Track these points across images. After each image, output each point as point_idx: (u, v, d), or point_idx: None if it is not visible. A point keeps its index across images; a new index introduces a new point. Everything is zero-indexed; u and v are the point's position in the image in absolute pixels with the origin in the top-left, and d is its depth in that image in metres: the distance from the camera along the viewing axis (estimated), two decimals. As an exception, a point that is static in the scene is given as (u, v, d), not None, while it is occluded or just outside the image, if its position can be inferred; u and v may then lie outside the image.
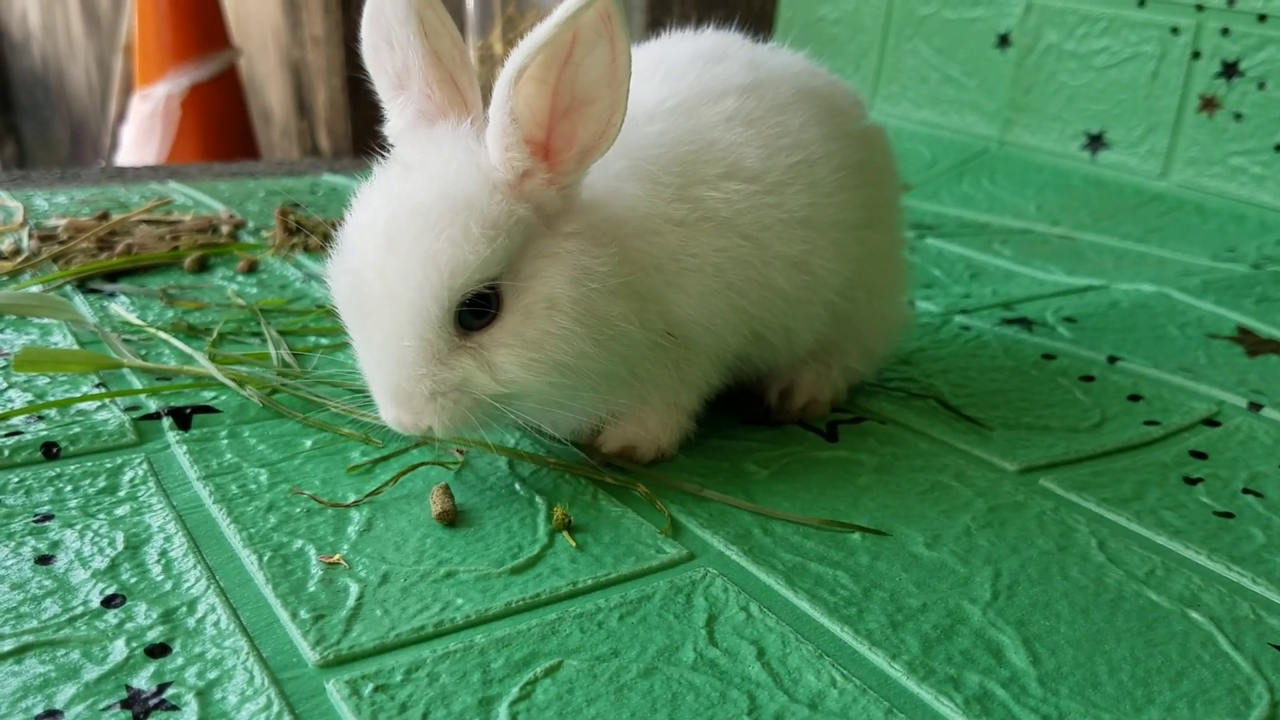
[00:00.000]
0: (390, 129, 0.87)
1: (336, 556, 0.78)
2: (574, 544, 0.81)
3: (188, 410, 0.99)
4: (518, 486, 0.89)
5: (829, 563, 0.79)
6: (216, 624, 0.70)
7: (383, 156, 0.86)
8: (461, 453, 0.94)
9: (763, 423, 1.05)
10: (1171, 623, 0.74)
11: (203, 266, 1.44)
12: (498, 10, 2.38)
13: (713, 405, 1.00)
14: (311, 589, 0.74)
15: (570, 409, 0.85)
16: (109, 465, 0.89)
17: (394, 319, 0.78)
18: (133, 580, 0.74)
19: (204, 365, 1.06)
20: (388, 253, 0.78)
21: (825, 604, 0.74)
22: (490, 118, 0.79)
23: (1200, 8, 1.96)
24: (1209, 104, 1.98)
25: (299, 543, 0.79)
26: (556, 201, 0.82)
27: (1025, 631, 0.72)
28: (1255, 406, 1.11)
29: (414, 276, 0.77)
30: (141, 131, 3.40)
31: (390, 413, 0.82)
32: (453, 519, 0.83)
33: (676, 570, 0.78)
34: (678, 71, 0.96)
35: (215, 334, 1.16)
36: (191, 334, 1.18)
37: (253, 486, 0.87)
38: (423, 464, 0.91)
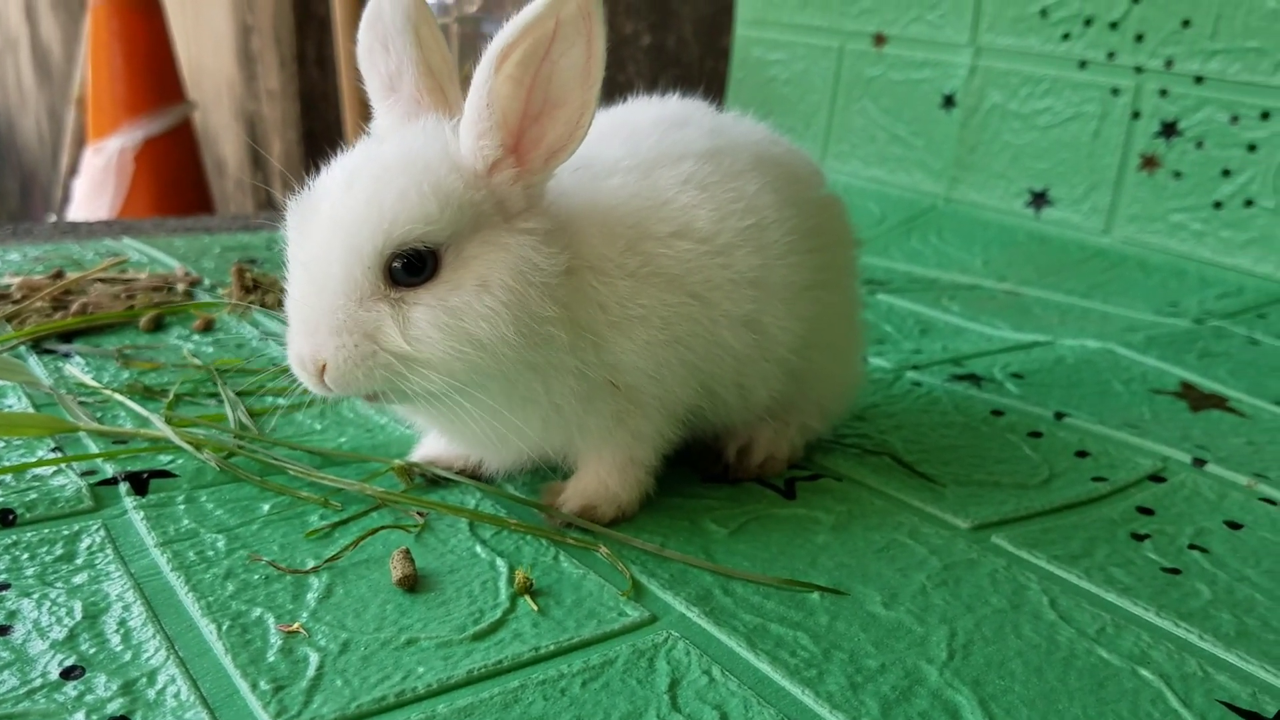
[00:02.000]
0: (377, 126, 0.91)
1: (296, 625, 0.77)
2: (536, 608, 0.81)
3: (144, 475, 0.99)
4: (479, 549, 0.90)
5: (789, 623, 0.80)
6: (177, 695, 0.69)
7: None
8: (422, 515, 0.94)
9: (721, 480, 1.06)
10: (1122, 680, 0.76)
11: (158, 325, 1.43)
12: (456, 69, 2.40)
13: (672, 463, 1.01)
14: (271, 659, 0.73)
15: (473, 413, 0.85)
16: (66, 532, 0.89)
17: (329, 248, 0.81)
18: (92, 651, 0.73)
19: (160, 428, 1.05)
20: (344, 190, 0.82)
21: (786, 666, 0.75)
22: (465, 108, 0.83)
23: (1139, 70, 2.03)
24: (1149, 162, 2.04)
25: (258, 611, 0.79)
26: (520, 200, 0.86)
27: (981, 691, 0.73)
28: (1199, 462, 1.14)
29: (359, 212, 0.80)
30: (94, 185, 3.38)
31: (295, 341, 0.84)
32: (413, 584, 0.83)
33: (639, 633, 0.79)
34: (640, 134, 0.98)
35: (171, 395, 1.16)
36: (148, 395, 1.17)
37: (210, 553, 0.87)
38: (382, 528, 0.91)
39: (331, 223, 0.82)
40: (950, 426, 1.23)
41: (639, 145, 0.97)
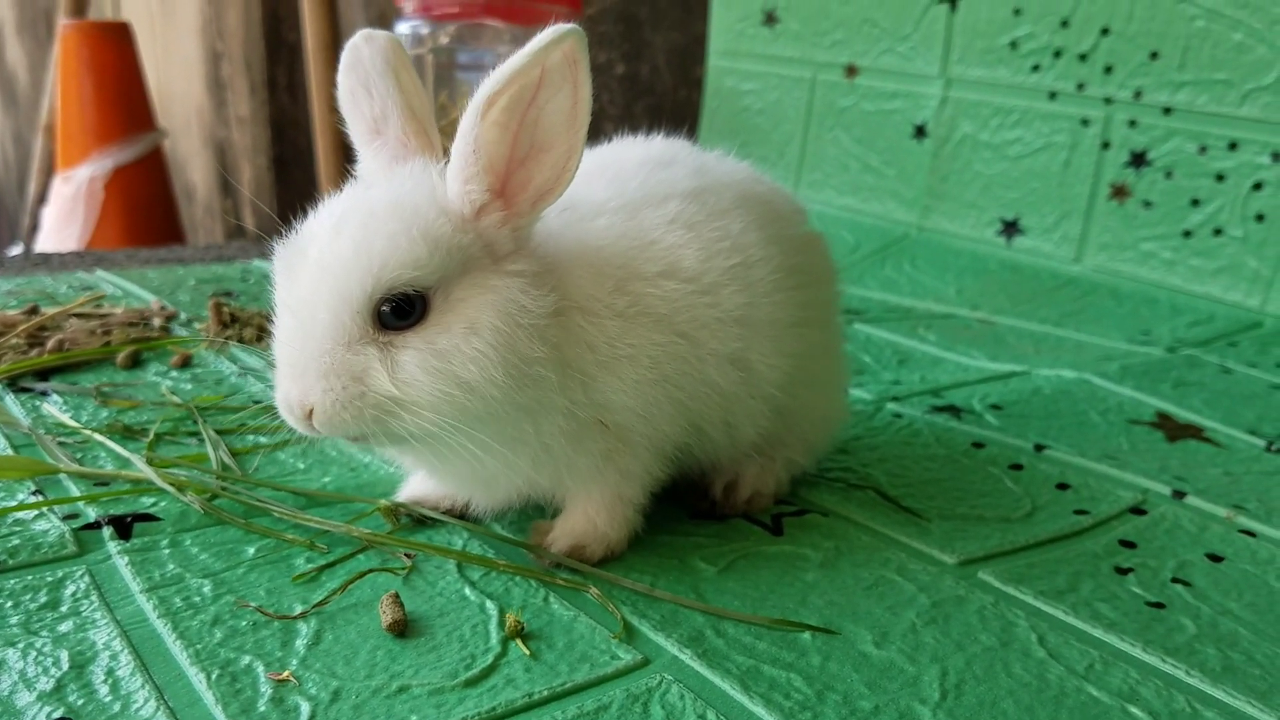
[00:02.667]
0: (362, 170, 0.92)
1: (286, 673, 0.77)
2: (528, 652, 0.81)
3: (128, 519, 0.98)
4: (468, 591, 0.89)
5: (782, 665, 0.80)
6: (166, 748, 0.68)
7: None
8: (409, 556, 0.94)
9: (709, 516, 1.06)
10: (1112, 718, 0.76)
11: (136, 362, 1.42)
12: (430, 98, 2.40)
13: (659, 500, 1.01)
14: (262, 709, 0.72)
15: (463, 454, 0.85)
16: (50, 579, 0.87)
17: (318, 291, 0.81)
18: (80, 702, 0.72)
19: (142, 469, 1.04)
20: (332, 235, 0.82)
21: (781, 709, 0.75)
22: (452, 153, 0.83)
23: (1109, 101, 2.06)
24: (1119, 192, 2.07)
25: (247, 658, 0.78)
26: (508, 243, 0.86)
27: (975, 732, 0.74)
28: (1178, 494, 1.16)
29: (347, 257, 0.80)
30: (63, 214, 3.35)
31: (282, 385, 0.83)
32: (403, 629, 0.83)
33: (632, 677, 0.79)
34: (625, 174, 0.99)
35: (152, 435, 1.15)
36: (128, 435, 1.16)
37: (196, 599, 0.86)
38: (370, 571, 0.91)
39: (319, 267, 0.82)
40: (932, 459, 1.24)
41: (625, 186, 0.97)
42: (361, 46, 0.89)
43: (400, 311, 0.82)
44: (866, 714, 0.75)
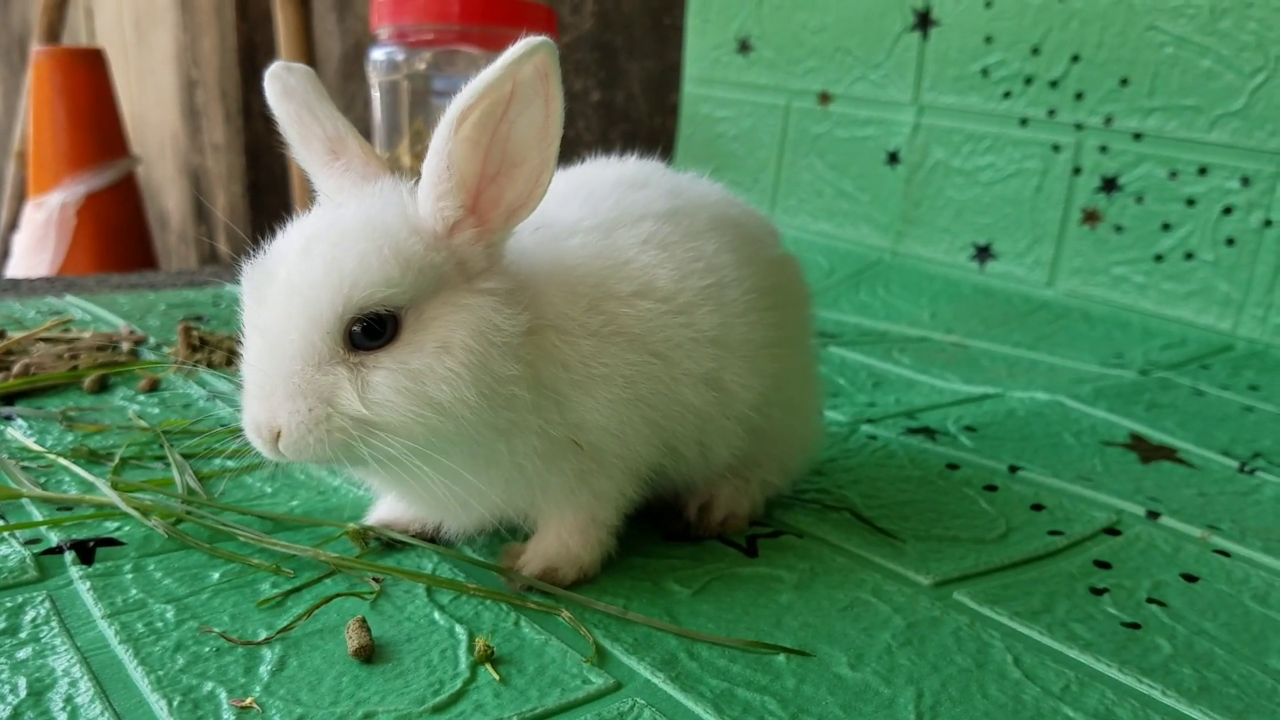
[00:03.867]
0: (324, 191, 0.90)
1: (249, 700, 0.75)
2: (497, 677, 0.79)
3: (90, 543, 0.96)
4: (437, 615, 0.88)
5: (756, 688, 0.79)
6: (124, 777, 0.66)
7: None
8: (378, 581, 0.92)
9: (683, 538, 1.05)
10: (1089, 738, 0.76)
11: (103, 386, 1.40)
12: (405, 123, 2.40)
13: (632, 521, 1.00)
14: (225, 735, 0.71)
15: (433, 476, 0.83)
16: (9, 604, 0.85)
17: (287, 312, 0.80)
18: (34, 732, 0.70)
19: (106, 494, 1.02)
20: (301, 255, 0.81)
21: (754, 732, 0.74)
22: (423, 170, 0.82)
23: (1079, 127, 2.08)
24: (1091, 217, 2.08)
25: (209, 685, 0.76)
26: (480, 260, 0.85)
27: (950, 753, 0.73)
28: (1153, 515, 1.16)
29: (317, 277, 0.79)
30: (35, 240, 3.32)
31: (250, 407, 0.82)
32: (370, 654, 0.81)
33: (604, 701, 0.77)
34: (599, 195, 0.98)
35: (117, 459, 1.13)
36: (93, 459, 1.14)
37: (159, 624, 0.84)
38: (337, 595, 0.89)
39: (289, 288, 0.81)
40: (907, 481, 1.23)
41: (599, 206, 0.97)
42: (284, 75, 0.89)
43: (371, 331, 0.81)
44: (841, 736, 0.74)
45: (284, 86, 0.89)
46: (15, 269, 3.46)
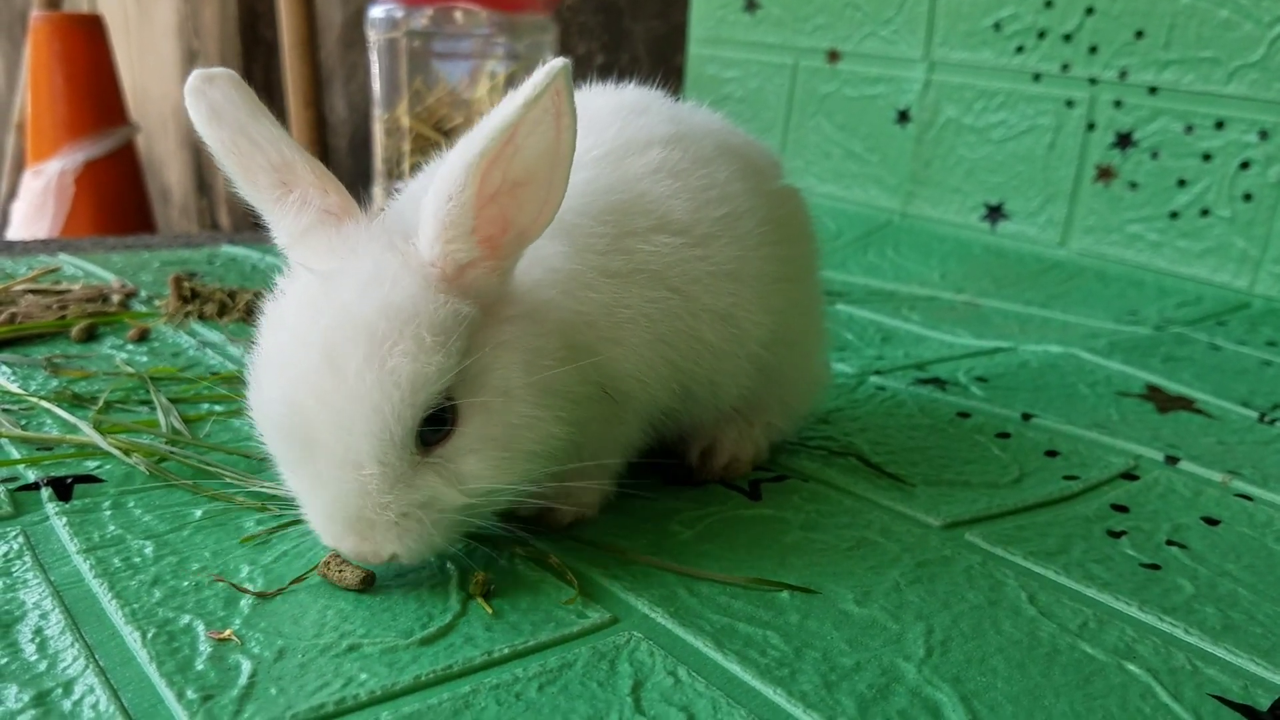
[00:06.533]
0: (283, 235, 0.78)
1: (227, 632, 0.71)
2: (490, 610, 0.76)
3: (69, 480, 0.92)
4: (427, 554, 0.84)
5: (758, 623, 0.76)
6: (95, 706, 0.63)
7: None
8: (367, 520, 0.88)
9: (685, 482, 1.01)
10: (1109, 675, 0.72)
11: (91, 336, 1.36)
12: (405, 84, 2.35)
13: (633, 465, 0.96)
14: (200, 667, 0.67)
15: (530, 490, 0.79)
16: (-23, 539, 0.82)
17: (347, 447, 0.70)
18: (2, 661, 0.67)
19: (88, 433, 0.99)
20: (331, 375, 0.69)
21: (756, 665, 0.70)
22: (426, 208, 0.73)
23: (1094, 81, 2.03)
24: (1105, 174, 2.04)
25: (186, 618, 0.73)
26: (495, 289, 0.76)
27: (962, 689, 0.69)
28: (1172, 460, 1.12)
29: (369, 399, 0.69)
30: (33, 208, 3.29)
31: (349, 542, 0.74)
32: (367, 586, 0.77)
33: (599, 635, 0.74)
34: (601, 122, 0.94)
35: (101, 402, 1.09)
36: (77, 403, 1.10)
37: (137, 560, 0.80)
38: (325, 532, 0.85)
39: (338, 423, 0.70)
40: (916, 429, 1.20)
41: (603, 134, 0.92)
42: (206, 90, 0.76)
43: (436, 419, 0.73)
44: (847, 670, 0.70)
45: (210, 107, 0.76)
46: (14, 236, 3.43)
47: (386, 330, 0.69)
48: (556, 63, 0.70)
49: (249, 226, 0.81)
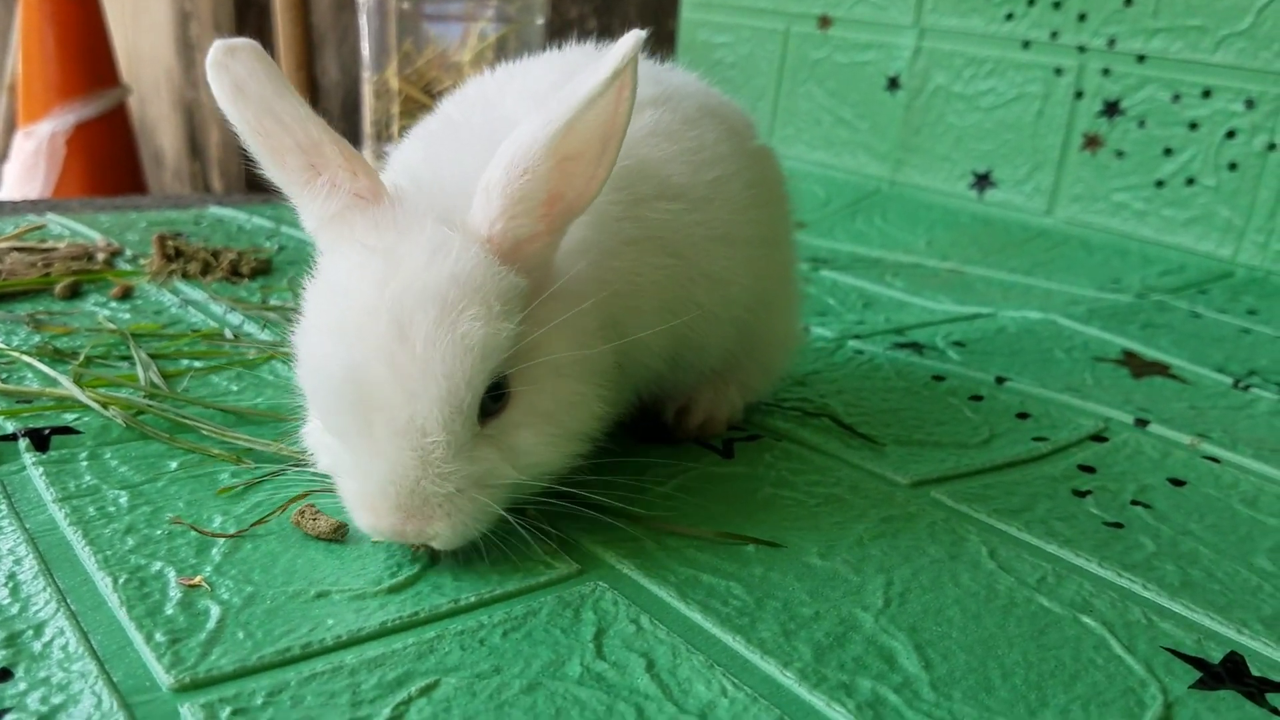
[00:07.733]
0: (312, 218, 0.76)
1: (198, 578, 0.73)
2: (457, 560, 0.77)
3: (46, 431, 0.93)
4: (400, 506, 0.85)
5: (722, 574, 0.77)
6: (64, 647, 0.65)
7: (277, 196, 0.77)
8: (341, 473, 0.89)
9: (659, 440, 1.02)
10: (1064, 628, 0.74)
11: (75, 293, 1.37)
12: (394, 46, 2.35)
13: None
14: (169, 611, 0.69)
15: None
16: (-47, 488, 0.83)
17: (412, 414, 0.68)
18: (-28, 605, 0.68)
19: (67, 386, 1.00)
20: (400, 342, 0.68)
21: (717, 615, 0.72)
22: (488, 182, 0.72)
23: (1082, 49, 2.03)
24: (1092, 142, 2.04)
25: (158, 565, 0.74)
26: (546, 261, 0.76)
27: (917, 637, 0.71)
28: (1141, 423, 1.13)
29: (440, 365, 0.68)
30: (25, 169, 3.28)
31: (391, 520, 0.71)
32: (341, 535, 0.79)
33: (566, 585, 0.75)
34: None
35: (82, 357, 1.10)
36: (58, 358, 1.11)
37: (111, 509, 0.82)
38: (304, 492, 0.86)
39: (405, 389, 0.68)
40: (891, 391, 1.21)
41: None
42: (229, 64, 0.73)
43: (495, 389, 0.72)
44: (806, 619, 0.72)
45: (234, 83, 0.73)
46: (4, 198, 3.43)
47: (457, 297, 0.69)
48: (634, 35, 0.69)
49: (241, 189, 0.80)
